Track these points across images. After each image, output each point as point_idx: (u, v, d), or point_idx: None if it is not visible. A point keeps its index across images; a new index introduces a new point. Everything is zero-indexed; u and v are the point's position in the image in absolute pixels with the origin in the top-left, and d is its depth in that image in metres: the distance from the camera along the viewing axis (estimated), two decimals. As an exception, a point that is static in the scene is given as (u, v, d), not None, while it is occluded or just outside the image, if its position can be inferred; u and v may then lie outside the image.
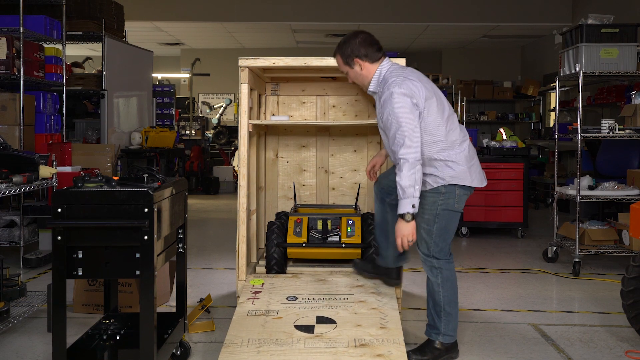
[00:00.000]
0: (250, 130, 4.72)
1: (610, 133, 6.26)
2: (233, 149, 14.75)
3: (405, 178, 3.58)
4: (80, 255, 3.08)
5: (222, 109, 15.77)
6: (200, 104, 17.30)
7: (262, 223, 5.62)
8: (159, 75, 16.69)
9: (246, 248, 4.60)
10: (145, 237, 3.02)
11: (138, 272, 3.07)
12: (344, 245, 4.73)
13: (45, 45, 7.30)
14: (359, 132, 5.67)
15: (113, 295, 3.96)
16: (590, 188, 6.51)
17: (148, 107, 10.78)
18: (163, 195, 3.27)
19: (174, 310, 4.29)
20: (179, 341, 3.86)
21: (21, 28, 6.51)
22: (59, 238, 3.03)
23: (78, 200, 3.05)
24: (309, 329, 3.71)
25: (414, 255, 4.14)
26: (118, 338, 3.71)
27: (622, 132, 6.30)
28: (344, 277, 4.55)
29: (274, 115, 5.64)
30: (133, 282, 4.68)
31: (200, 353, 4.05)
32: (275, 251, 4.69)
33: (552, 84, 12.59)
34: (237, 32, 14.86)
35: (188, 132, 14.83)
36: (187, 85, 16.11)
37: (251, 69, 4.70)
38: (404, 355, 3.46)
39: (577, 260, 6.23)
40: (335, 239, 4.78)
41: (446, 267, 3.87)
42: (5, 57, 6.38)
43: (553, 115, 14.03)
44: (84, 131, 9.43)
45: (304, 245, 4.74)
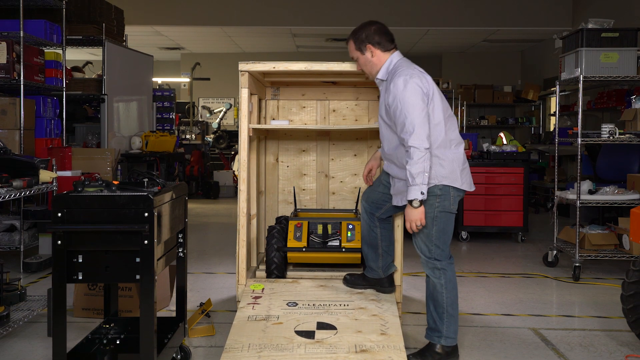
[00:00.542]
0: (251, 134, 4.72)
1: (611, 137, 6.26)
2: (233, 153, 14.75)
3: (415, 165, 3.62)
4: (80, 260, 3.08)
5: (222, 113, 15.77)
6: (200, 108, 17.30)
7: (262, 227, 5.61)
8: (159, 80, 16.70)
9: (246, 252, 4.59)
10: (145, 242, 3.02)
11: (138, 277, 3.07)
12: (344, 250, 4.72)
13: (45, 50, 7.30)
14: (359, 137, 5.67)
15: (113, 299, 3.95)
16: (590, 192, 6.51)
17: (148, 112, 10.78)
18: (163, 200, 3.27)
19: (174, 314, 4.28)
20: (179, 345, 3.86)
21: (21, 32, 6.52)
22: (59, 242, 3.03)
23: (78, 204, 3.04)
24: (309, 334, 3.71)
25: (413, 258, 4.13)
26: (118, 342, 3.70)
27: (622, 137, 6.30)
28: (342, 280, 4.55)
29: (274, 119, 5.63)
30: (133, 287, 4.68)
31: (200, 357, 4.04)
32: (276, 255, 4.69)
33: (552, 89, 12.58)
34: (237, 37, 14.87)
35: (188, 137, 14.83)
36: (187, 90, 16.12)
37: (251, 74, 4.69)
38: (405, 361, 3.46)
39: (577, 264, 6.23)
40: (336, 243, 4.77)
41: (449, 268, 3.88)
42: (5, 62, 6.38)
43: (553, 120, 14.03)
44: (84, 135, 9.44)
45: (304, 249, 4.73)
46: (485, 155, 8.35)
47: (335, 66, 4.57)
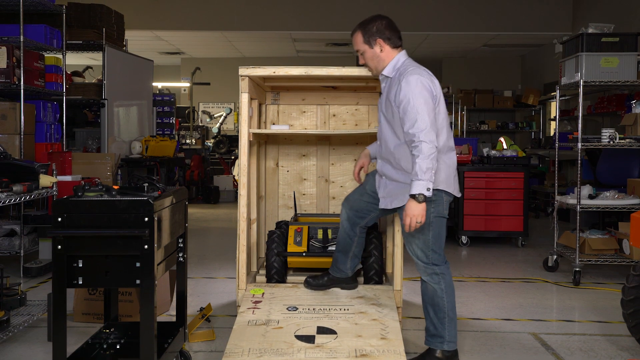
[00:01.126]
0: (251, 139, 4.72)
1: (611, 142, 6.27)
2: (233, 158, 14.75)
3: (425, 160, 3.57)
4: (80, 265, 3.08)
5: (223, 118, 15.78)
6: (200, 113, 17.31)
7: (263, 232, 5.61)
8: (159, 85, 16.71)
9: (246, 257, 4.59)
10: (146, 246, 3.02)
11: (138, 281, 3.07)
12: (344, 255, 4.72)
13: (45, 55, 7.31)
14: (359, 141, 5.67)
15: (113, 304, 3.95)
16: (590, 197, 6.51)
17: (148, 116, 10.79)
18: (163, 205, 3.27)
19: (174, 319, 4.28)
20: (179, 350, 3.85)
21: (21, 37, 6.52)
22: (59, 247, 3.03)
23: (78, 209, 3.05)
24: (309, 339, 3.71)
25: (413, 263, 4.13)
26: (118, 347, 3.70)
27: (623, 142, 6.30)
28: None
29: (274, 124, 5.64)
30: (133, 291, 4.68)
31: (200, 362, 4.04)
32: (276, 260, 4.69)
33: (553, 93, 12.61)
34: (238, 41, 14.88)
35: (188, 141, 14.85)
36: (188, 95, 16.13)
37: (251, 78, 4.70)
38: (405, 365, 3.45)
39: (578, 269, 6.22)
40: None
41: (447, 273, 3.88)
42: (5, 66, 6.39)
43: (553, 124, 14.03)
44: (84, 140, 9.44)
45: (304, 254, 4.73)
46: (486, 160, 8.36)
47: (336, 71, 4.57)
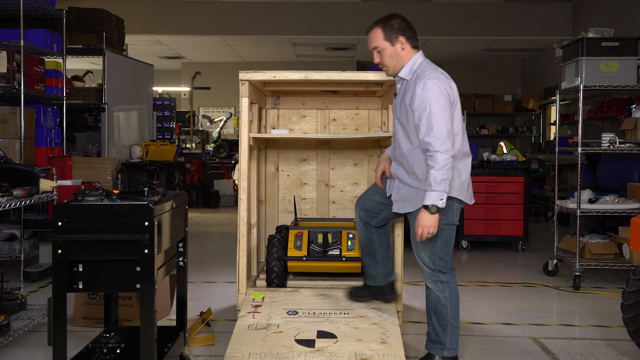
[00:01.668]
0: (251, 143, 4.72)
1: (611, 146, 6.27)
2: (233, 162, 14.76)
3: (440, 171, 3.50)
4: (80, 269, 3.08)
5: (223, 122, 15.79)
6: (200, 117, 17.32)
7: (263, 236, 5.61)
8: (159, 89, 16.72)
9: (246, 261, 4.59)
10: (146, 251, 3.02)
11: (138, 286, 3.07)
12: (344, 259, 4.72)
13: (45, 59, 7.31)
14: (359, 146, 5.68)
15: (113, 308, 3.95)
16: (590, 201, 6.51)
17: (148, 121, 10.80)
18: (163, 209, 3.27)
19: (174, 323, 4.28)
20: (179, 355, 3.85)
21: (21, 41, 6.53)
22: (60, 251, 3.03)
23: (78, 213, 3.05)
24: (309, 343, 3.70)
25: (413, 267, 4.13)
26: (118, 352, 3.70)
27: (623, 146, 6.30)
28: (344, 292, 4.53)
29: (274, 128, 5.64)
30: (133, 296, 4.68)
31: (200, 367, 4.04)
32: (276, 265, 4.69)
33: (553, 98, 12.54)
34: (238, 46, 14.90)
35: (188, 146, 14.85)
36: (188, 99, 16.14)
37: (251, 83, 4.70)
38: (405, 369, 3.45)
39: (578, 273, 6.22)
40: (336, 252, 4.77)
41: (452, 281, 3.84)
42: (5, 71, 6.39)
43: (553, 129, 14.03)
44: (85, 145, 9.45)
45: (305, 258, 4.73)
46: (486, 165, 8.36)
47: (336, 75, 4.57)
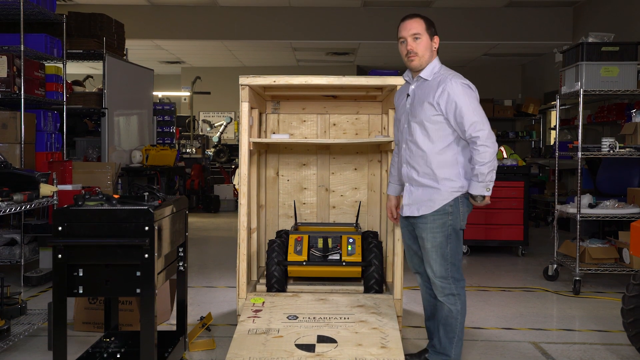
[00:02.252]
0: (251, 148, 4.73)
1: (611, 151, 6.27)
2: (233, 167, 14.75)
3: (486, 165, 3.66)
4: (80, 274, 3.08)
5: (223, 127, 15.79)
6: (200, 122, 17.32)
7: (263, 241, 5.61)
8: (159, 94, 16.73)
9: (247, 266, 4.59)
10: (146, 255, 3.02)
11: (139, 290, 3.07)
12: (344, 264, 4.72)
13: (45, 64, 7.32)
14: (359, 151, 5.68)
15: (113, 313, 3.95)
16: (590, 206, 6.50)
17: (148, 126, 10.80)
18: (163, 214, 3.27)
19: (174, 328, 4.28)
20: (179, 359, 3.85)
21: (22, 46, 6.53)
22: (60, 256, 3.03)
23: (79, 218, 3.05)
24: (309, 347, 3.70)
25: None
26: (119, 356, 3.69)
27: (623, 151, 6.30)
28: (344, 297, 4.53)
29: (274, 133, 5.64)
30: (133, 300, 4.67)
31: (200, 372, 4.03)
32: (276, 269, 4.69)
33: (553, 102, 12.61)
34: (238, 51, 14.91)
35: (189, 151, 14.85)
36: (188, 104, 16.14)
37: (252, 87, 4.70)
38: (405, 374, 3.45)
39: (578, 278, 6.22)
40: (336, 257, 4.77)
41: (463, 293, 3.84)
42: (5, 76, 6.39)
43: (553, 134, 14.04)
44: (85, 149, 9.45)
45: (305, 263, 4.73)
46: (486, 169, 8.34)
47: (336, 80, 4.57)
